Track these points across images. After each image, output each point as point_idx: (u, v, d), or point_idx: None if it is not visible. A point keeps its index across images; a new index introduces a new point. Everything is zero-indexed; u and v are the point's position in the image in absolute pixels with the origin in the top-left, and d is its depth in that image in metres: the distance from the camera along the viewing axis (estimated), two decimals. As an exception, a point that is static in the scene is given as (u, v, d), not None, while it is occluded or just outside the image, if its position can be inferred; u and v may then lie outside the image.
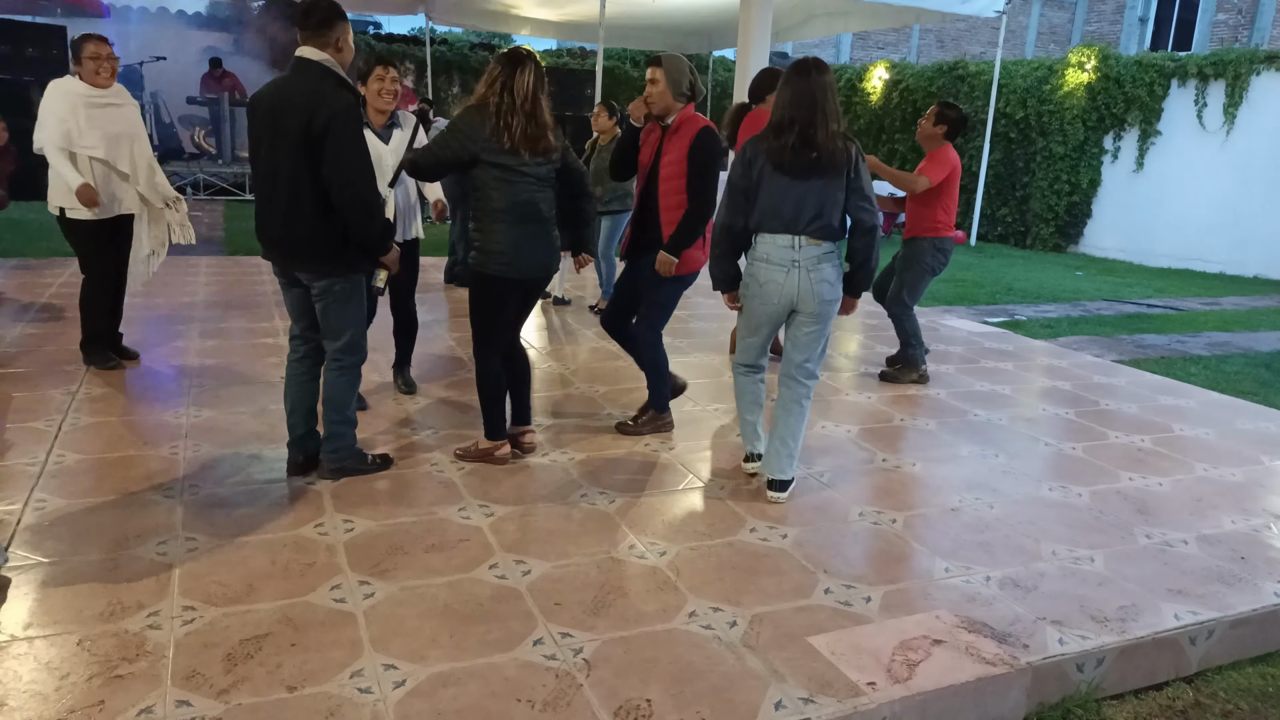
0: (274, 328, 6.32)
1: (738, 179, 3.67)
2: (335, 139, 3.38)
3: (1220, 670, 3.02)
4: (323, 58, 3.46)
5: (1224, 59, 13.20)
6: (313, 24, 3.45)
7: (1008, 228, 15.70)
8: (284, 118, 3.40)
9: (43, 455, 3.83)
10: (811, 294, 3.64)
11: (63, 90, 4.81)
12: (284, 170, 3.44)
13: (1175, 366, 7.04)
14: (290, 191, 3.45)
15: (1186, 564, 3.42)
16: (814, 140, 3.51)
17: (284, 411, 3.80)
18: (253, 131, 3.57)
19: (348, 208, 3.46)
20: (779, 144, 3.55)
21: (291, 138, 3.39)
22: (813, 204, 3.57)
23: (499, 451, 4.04)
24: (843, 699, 2.46)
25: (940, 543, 3.49)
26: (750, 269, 3.73)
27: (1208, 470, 4.48)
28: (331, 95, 3.40)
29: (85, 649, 2.50)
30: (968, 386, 5.82)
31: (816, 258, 3.63)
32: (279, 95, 3.46)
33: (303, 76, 3.44)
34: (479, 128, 3.64)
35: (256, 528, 3.28)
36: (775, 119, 3.60)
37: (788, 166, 3.55)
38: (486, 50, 19.25)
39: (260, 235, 3.65)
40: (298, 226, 3.49)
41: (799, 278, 3.63)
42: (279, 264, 3.66)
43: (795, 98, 3.53)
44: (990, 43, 23.63)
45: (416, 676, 2.46)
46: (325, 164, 3.39)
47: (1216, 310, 10.12)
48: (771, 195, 3.60)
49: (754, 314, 3.79)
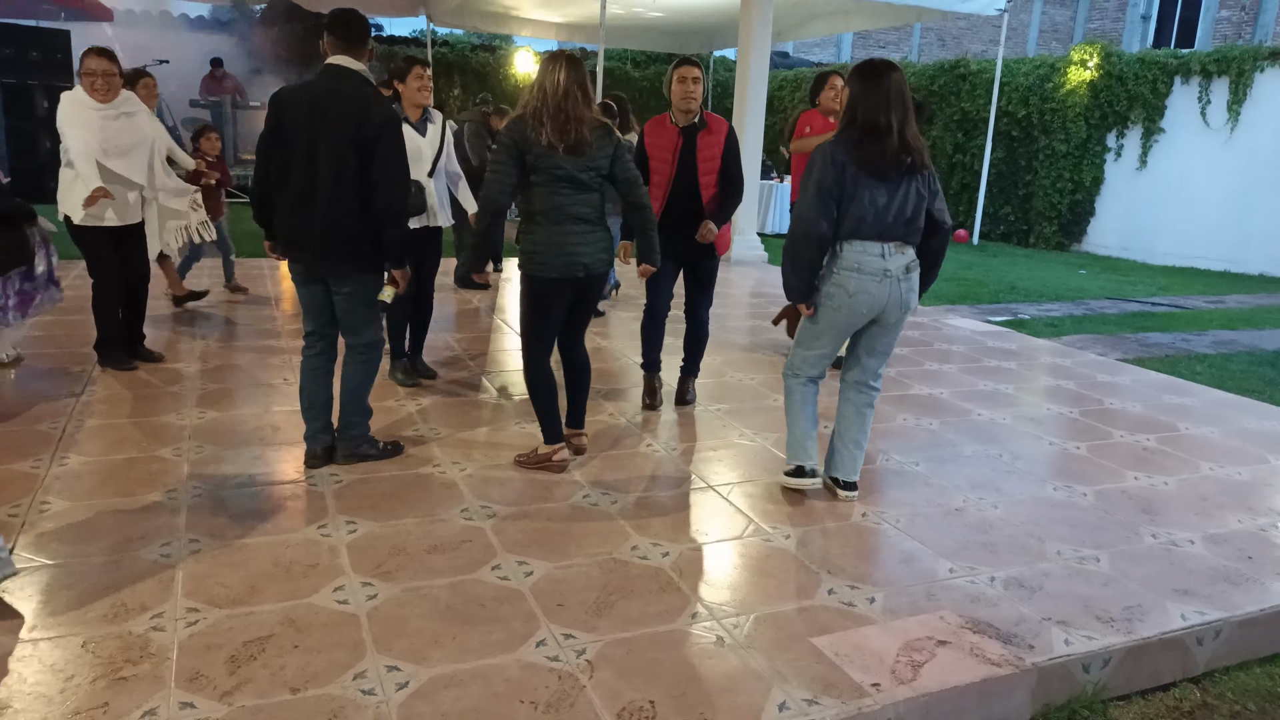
0: (276, 329, 6.32)
1: (830, 184, 3.45)
2: (388, 145, 3.57)
3: (1228, 671, 3.00)
4: (360, 68, 3.66)
5: (1227, 56, 13.17)
6: (354, 36, 3.67)
7: (1010, 226, 15.68)
8: (331, 121, 3.53)
9: (48, 458, 3.83)
10: (900, 303, 3.57)
11: (75, 102, 4.89)
12: (325, 174, 3.56)
13: (1180, 365, 7.02)
14: (332, 193, 3.58)
15: (1193, 564, 3.41)
16: (908, 142, 3.43)
17: (300, 408, 3.90)
18: (279, 131, 3.61)
19: (388, 210, 3.63)
20: (877, 148, 3.41)
21: (338, 143, 3.53)
22: (909, 207, 3.49)
23: (556, 456, 3.99)
24: (847, 700, 2.45)
25: (944, 543, 3.48)
26: (837, 278, 3.55)
27: (1213, 469, 4.47)
28: (381, 103, 3.62)
29: (89, 651, 2.49)
30: (971, 385, 5.81)
31: (905, 266, 3.54)
32: (320, 98, 3.57)
33: (343, 82, 3.60)
34: (520, 132, 3.67)
35: (259, 529, 3.28)
36: (865, 122, 3.43)
37: (884, 170, 3.43)
38: (487, 52, 19.27)
39: (289, 235, 3.71)
40: (338, 227, 3.61)
41: (890, 288, 3.52)
42: (309, 264, 3.72)
43: (885, 99, 3.40)
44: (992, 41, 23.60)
45: (419, 678, 2.45)
46: (376, 168, 3.56)
47: (1221, 308, 10.09)
48: (865, 201, 3.45)
49: (834, 324, 3.63)
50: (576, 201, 3.77)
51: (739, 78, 11.17)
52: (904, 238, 3.53)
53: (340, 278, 3.72)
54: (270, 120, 3.65)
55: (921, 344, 6.91)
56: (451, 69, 18.22)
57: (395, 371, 5.21)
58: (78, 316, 6.36)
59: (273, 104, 3.67)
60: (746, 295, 8.86)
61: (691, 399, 5.09)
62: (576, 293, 3.92)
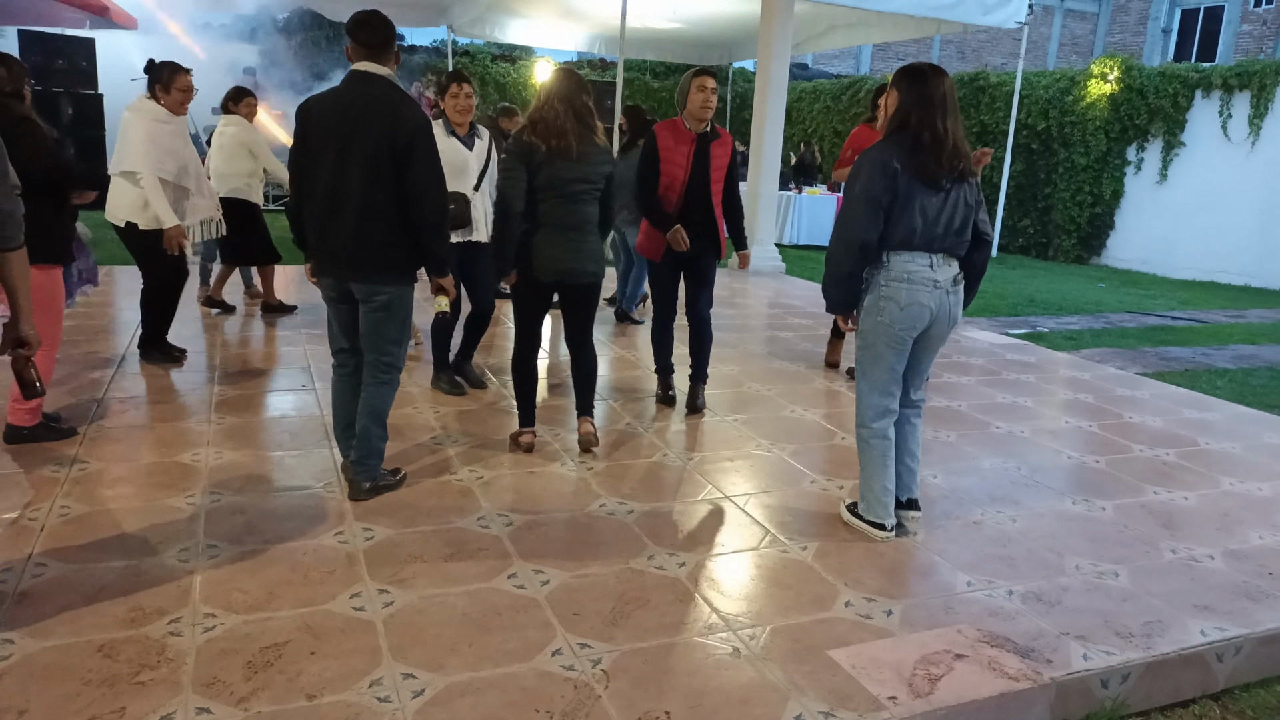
0: (295, 336, 6.36)
1: (880, 192, 3.27)
2: (423, 153, 3.46)
3: (1248, 688, 2.97)
4: (386, 72, 3.53)
5: (1249, 69, 13.10)
6: (377, 40, 3.51)
7: (1029, 239, 15.62)
8: (361, 128, 3.41)
9: (67, 462, 3.87)
10: (949, 316, 3.42)
11: (151, 116, 5.22)
12: (356, 182, 3.43)
13: (1200, 379, 6.96)
14: (363, 204, 3.45)
15: (1213, 579, 3.38)
16: (960, 149, 3.30)
17: (332, 428, 3.93)
18: (308, 142, 3.51)
19: (429, 217, 3.53)
20: (932, 154, 3.25)
21: (369, 150, 3.41)
22: (957, 218, 3.35)
23: (522, 438, 4.34)
24: (863, 713, 2.43)
25: (962, 556, 3.46)
26: (886, 291, 3.36)
27: (1234, 484, 4.42)
28: (411, 109, 3.49)
29: (106, 655, 2.51)
30: (989, 398, 5.77)
31: (953, 278, 3.41)
32: (348, 106, 3.45)
33: (370, 89, 3.47)
34: (522, 140, 3.93)
35: (277, 536, 3.30)
36: (921, 127, 3.27)
37: (938, 178, 3.28)
38: (508, 62, 19.39)
39: (319, 249, 3.59)
40: (371, 238, 3.49)
41: (940, 299, 3.37)
42: (341, 277, 3.58)
43: (941, 103, 3.26)
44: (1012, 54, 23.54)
45: (435, 685, 2.46)
46: (413, 175, 3.45)
47: (1242, 323, 10.01)
48: (921, 212, 3.29)
49: (893, 342, 3.41)
50: (568, 211, 3.99)
51: (758, 89, 11.17)
52: (951, 249, 3.39)
53: (374, 289, 3.57)
54: (297, 132, 3.55)
55: (940, 356, 6.85)
56: (471, 78, 18.32)
57: (439, 382, 5.22)
58: (97, 321, 6.43)
59: (299, 116, 3.55)
60: (765, 306, 8.85)
61: (702, 405, 5.10)
62: (568, 297, 4.21)
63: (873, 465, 3.55)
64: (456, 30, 14.85)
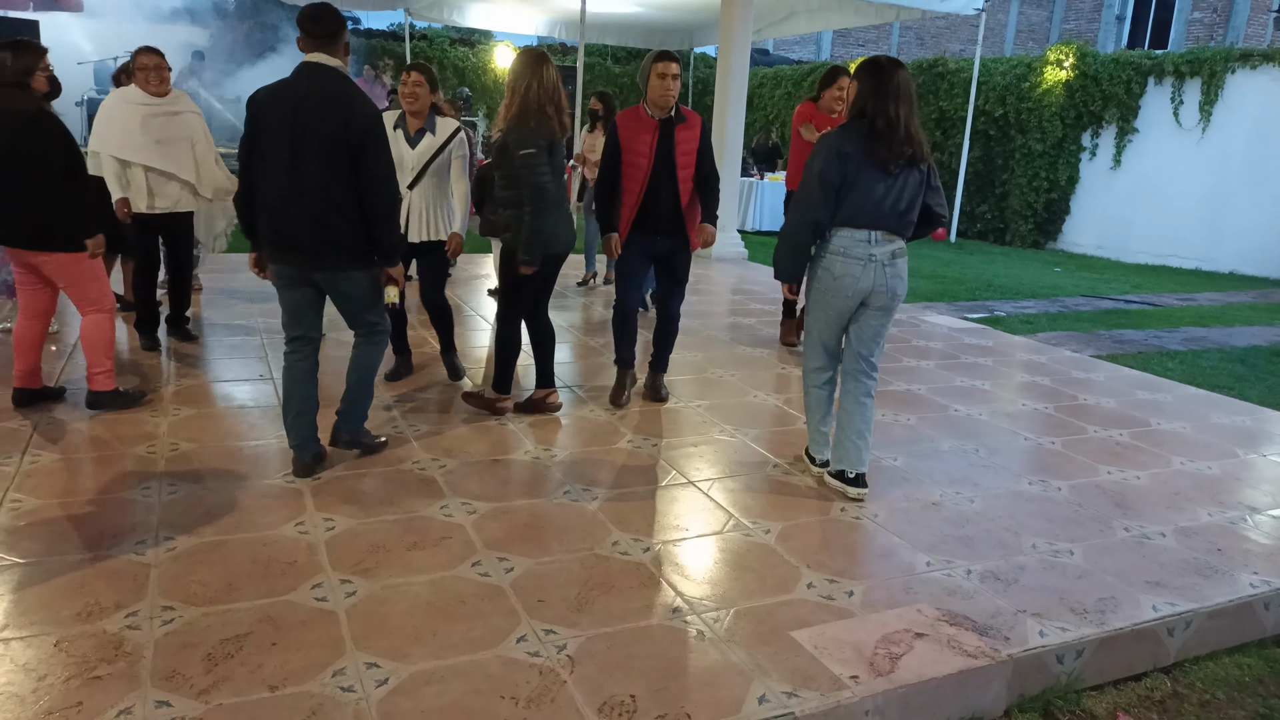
0: (252, 326, 6.27)
1: (832, 174, 3.59)
2: (375, 143, 3.54)
3: (1197, 661, 3.05)
4: (337, 64, 3.60)
5: (1200, 57, 13.34)
6: (325, 31, 3.57)
7: (987, 224, 15.81)
8: (314, 121, 3.47)
9: (18, 455, 3.79)
10: (885, 288, 3.68)
11: (122, 98, 5.28)
12: (312, 172, 3.49)
13: (1152, 361, 7.11)
14: (321, 193, 3.51)
15: (1164, 556, 3.46)
16: (912, 135, 3.56)
17: (283, 415, 3.81)
18: (259, 133, 3.55)
19: (381, 207, 3.61)
20: (883, 140, 3.53)
21: (324, 140, 3.47)
22: (905, 198, 3.63)
23: (500, 404, 4.56)
24: (826, 692, 2.47)
25: (921, 537, 3.51)
26: (824, 263, 3.71)
27: (1184, 464, 4.53)
28: (363, 101, 3.58)
29: (63, 650, 2.47)
30: (948, 382, 5.85)
31: (891, 253, 3.67)
32: (302, 99, 3.50)
33: (322, 81, 3.54)
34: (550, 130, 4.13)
35: (236, 527, 3.26)
36: (871, 117, 3.56)
37: (886, 162, 3.56)
38: (466, 46, 19.19)
39: (276, 237, 3.61)
40: (331, 227, 3.55)
41: (874, 272, 3.65)
42: (301, 265, 3.63)
43: (892, 93, 3.53)
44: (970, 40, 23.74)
45: (399, 675, 2.45)
46: (365, 167, 3.52)
47: (1192, 306, 10.23)
48: (863, 191, 3.58)
49: (827, 307, 3.77)
50: (560, 188, 4.28)
51: (719, 75, 11.18)
52: (895, 229, 3.66)
53: (335, 276, 3.65)
54: (249, 123, 3.58)
55: (899, 340, 6.96)
56: (430, 63, 18.10)
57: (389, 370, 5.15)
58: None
59: (250, 106, 3.58)
60: (728, 292, 8.88)
61: (665, 396, 5.07)
62: (550, 268, 4.40)
63: (811, 409, 4.06)
64: (414, 14, 14.69)
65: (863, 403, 3.84)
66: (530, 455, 4.13)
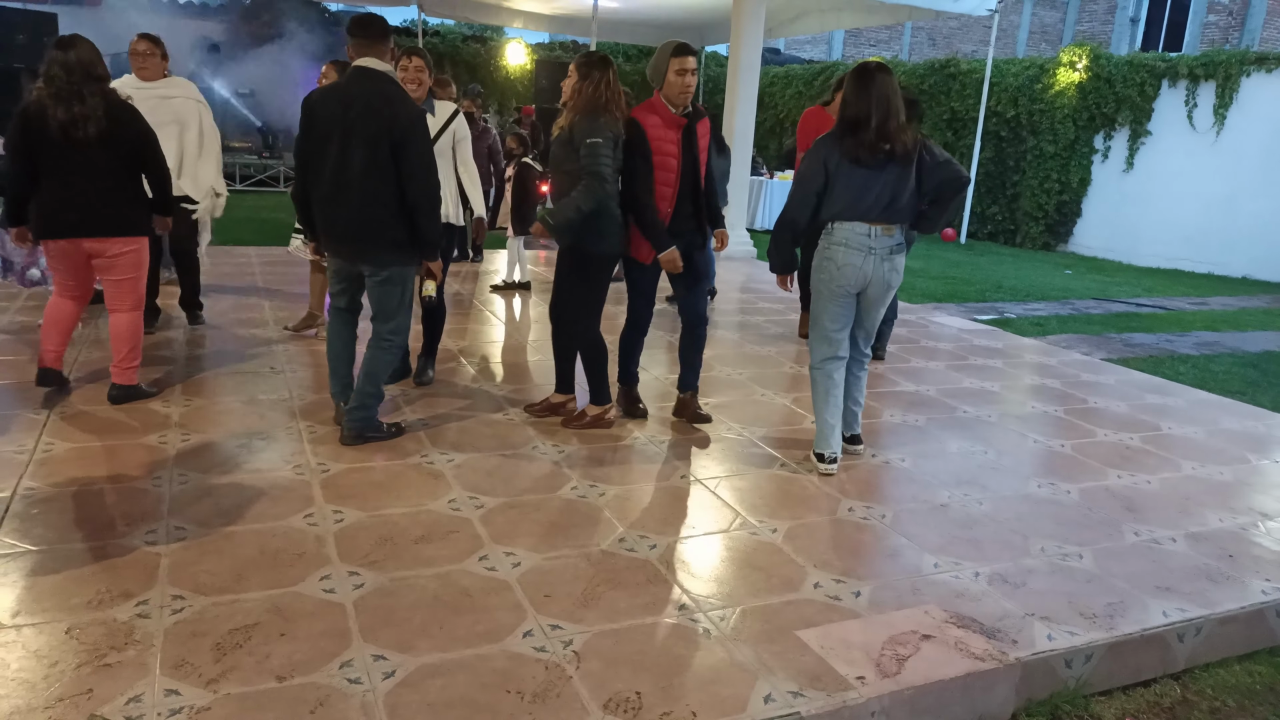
0: (262, 318, 6.29)
1: (812, 178, 3.91)
2: (419, 142, 3.81)
3: (1208, 668, 3.03)
4: (385, 68, 3.86)
5: (1214, 60, 13.27)
6: (374, 35, 3.84)
7: (998, 226, 15.76)
8: (362, 119, 3.73)
9: (31, 443, 3.81)
10: (882, 280, 3.98)
11: (120, 84, 5.24)
12: (358, 168, 3.76)
13: (1163, 365, 7.08)
14: (366, 187, 3.78)
15: (1174, 561, 3.44)
16: (887, 134, 3.79)
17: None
18: (313, 132, 3.83)
19: (424, 200, 3.85)
20: (856, 140, 3.81)
21: (371, 139, 3.73)
22: (887, 192, 3.86)
23: (608, 415, 4.54)
24: (832, 693, 2.46)
25: (929, 538, 3.50)
26: (828, 253, 3.97)
27: (1195, 469, 4.51)
28: (408, 102, 3.85)
29: (74, 637, 2.48)
30: (956, 383, 5.84)
31: (889, 247, 3.95)
32: (351, 100, 3.76)
33: (371, 83, 3.79)
34: (615, 127, 4.14)
35: (245, 517, 3.27)
36: (849, 117, 3.84)
37: (865, 160, 3.82)
38: (478, 42, 19.20)
39: (328, 230, 3.94)
40: (375, 219, 3.82)
41: (874, 263, 3.93)
42: (347, 256, 3.97)
43: (870, 97, 3.80)
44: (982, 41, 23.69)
45: (406, 667, 2.45)
46: (409, 162, 3.77)
47: (1205, 310, 10.18)
48: (849, 187, 3.85)
49: (831, 296, 4.01)
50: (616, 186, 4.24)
51: (730, 73, 11.17)
52: (888, 219, 3.92)
53: (378, 266, 3.93)
54: (303, 123, 3.86)
55: (908, 341, 6.94)
56: (442, 60, 18.13)
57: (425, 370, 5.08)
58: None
59: (304, 107, 3.87)
60: (736, 290, 8.87)
61: (708, 417, 4.71)
62: (603, 270, 4.34)
63: (819, 400, 4.15)
64: (427, 10, 14.69)
65: (858, 376, 4.26)
66: (538, 451, 4.13)
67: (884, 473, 4.16)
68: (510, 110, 18.49)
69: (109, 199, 4.20)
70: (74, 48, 4.09)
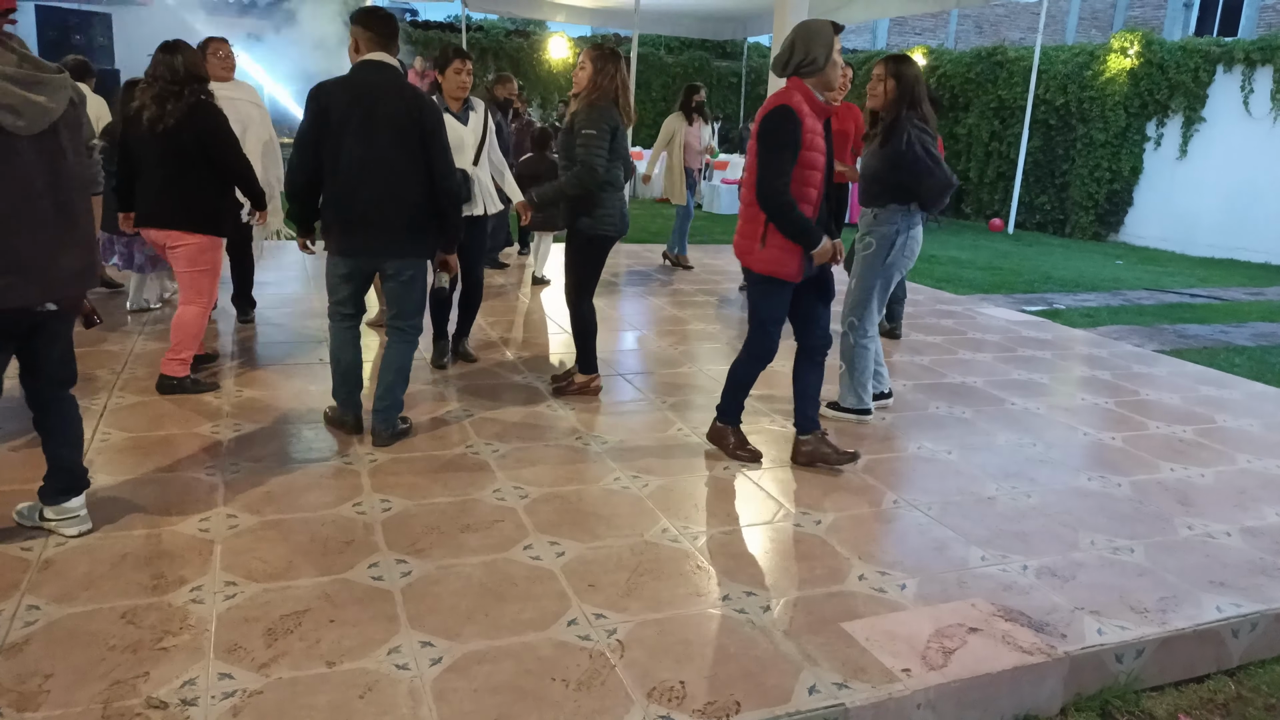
0: (310, 309, 6.39)
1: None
2: (442, 136, 3.84)
3: (1264, 664, 2.97)
4: (396, 63, 3.85)
5: (1272, 44, 12.90)
6: (392, 32, 3.85)
7: (1046, 216, 15.49)
8: (385, 105, 3.70)
9: (89, 433, 3.90)
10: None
11: None
12: (384, 161, 3.72)
13: (1218, 357, 6.91)
14: (393, 181, 3.75)
15: (1229, 556, 3.37)
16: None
17: (331, 382, 4.08)
18: (325, 120, 3.70)
19: (453, 193, 3.93)
20: None
21: (395, 123, 3.71)
22: None
23: (594, 384, 4.81)
24: (877, 685, 2.45)
25: (976, 531, 3.46)
26: (914, 232, 4.50)
27: (1251, 462, 4.40)
28: (426, 97, 3.88)
29: (130, 621, 2.55)
30: (1005, 375, 5.76)
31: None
32: (367, 87, 3.72)
33: (387, 74, 3.78)
34: (613, 117, 4.38)
35: (296, 506, 3.33)
36: None
37: None
38: (521, 37, 19.28)
39: (346, 216, 3.80)
40: (403, 202, 3.80)
41: None
42: (369, 251, 3.86)
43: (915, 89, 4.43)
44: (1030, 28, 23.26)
45: (453, 654, 2.49)
46: (436, 155, 3.80)
47: (1262, 300, 9.92)
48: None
49: (901, 269, 4.58)
50: (617, 172, 4.48)
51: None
52: None
53: (403, 261, 3.87)
54: (313, 109, 3.73)
55: (955, 333, 6.86)
56: (485, 54, 18.26)
57: (434, 355, 5.24)
58: (119, 292, 6.47)
59: (316, 94, 3.74)
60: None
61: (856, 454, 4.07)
62: (599, 250, 4.64)
63: (863, 363, 4.57)
64: (470, 5, 14.78)
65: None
66: (582, 442, 4.15)
67: (930, 465, 4.12)
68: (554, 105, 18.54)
69: (170, 193, 4.32)
70: (179, 52, 4.30)
